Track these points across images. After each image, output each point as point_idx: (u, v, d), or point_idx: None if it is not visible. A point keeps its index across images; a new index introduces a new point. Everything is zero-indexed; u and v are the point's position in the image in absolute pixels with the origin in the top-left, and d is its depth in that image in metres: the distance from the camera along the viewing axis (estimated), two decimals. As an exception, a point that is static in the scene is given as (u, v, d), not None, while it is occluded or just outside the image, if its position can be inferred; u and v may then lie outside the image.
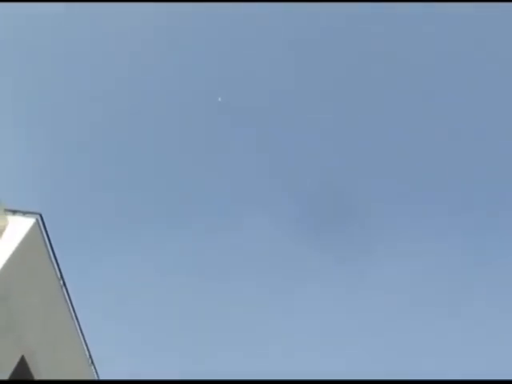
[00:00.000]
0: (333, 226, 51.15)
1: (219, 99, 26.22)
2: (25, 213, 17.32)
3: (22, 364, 17.21)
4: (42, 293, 18.20)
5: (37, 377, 17.88)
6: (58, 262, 18.49)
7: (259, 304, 52.79)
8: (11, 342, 16.64)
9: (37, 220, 17.20)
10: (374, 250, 50.14)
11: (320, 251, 50.92)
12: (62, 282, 18.89)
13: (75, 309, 19.82)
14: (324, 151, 49.98)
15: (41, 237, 17.54)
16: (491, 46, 43.25)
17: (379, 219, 51.15)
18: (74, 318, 19.92)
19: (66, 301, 19.30)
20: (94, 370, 21.96)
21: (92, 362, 21.69)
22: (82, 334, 20.58)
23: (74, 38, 41.98)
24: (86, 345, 21.04)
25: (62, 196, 49.05)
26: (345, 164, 51.26)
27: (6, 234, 16.65)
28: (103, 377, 22.59)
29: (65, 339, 19.81)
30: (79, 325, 20.26)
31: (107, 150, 49.06)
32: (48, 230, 17.74)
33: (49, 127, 46.76)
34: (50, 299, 18.66)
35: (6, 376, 16.56)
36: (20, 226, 16.93)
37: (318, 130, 49.70)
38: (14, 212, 17.17)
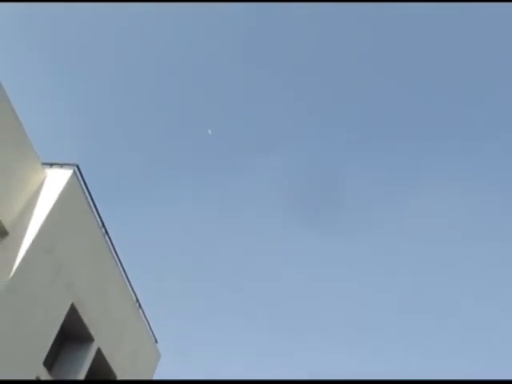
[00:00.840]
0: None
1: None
2: (62, 165, 17.80)
3: (73, 311, 18.20)
4: (86, 242, 18.93)
5: (87, 322, 18.90)
6: (99, 210, 19.11)
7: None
8: (61, 291, 17.56)
9: (74, 171, 17.67)
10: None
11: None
12: (103, 230, 19.57)
13: (119, 255, 20.64)
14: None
15: (79, 187, 18.07)
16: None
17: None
18: (119, 264, 20.73)
19: (109, 248, 20.06)
20: (141, 313, 23.01)
21: (139, 305, 22.69)
22: (128, 279, 21.49)
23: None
24: (133, 289, 22.00)
25: (97, 147, 50.09)
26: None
27: (45, 186, 17.21)
28: (150, 319, 23.69)
29: (111, 285, 20.70)
30: (124, 270, 21.13)
31: (141, 98, 49.59)
32: (86, 180, 18.30)
33: (83, 78, 47.29)
34: (94, 247, 19.39)
35: (59, 323, 17.58)
36: (58, 178, 17.45)
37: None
38: (51, 165, 17.67)
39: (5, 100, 15.42)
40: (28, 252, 15.76)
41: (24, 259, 15.61)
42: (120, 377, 21.32)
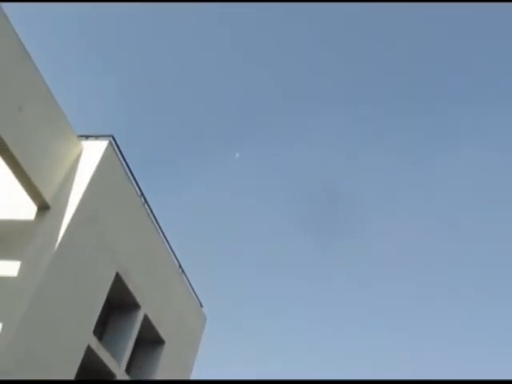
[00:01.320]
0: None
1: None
2: (97, 136, 18.13)
3: (118, 279, 18.73)
4: (126, 211, 19.33)
5: (132, 289, 19.43)
6: (137, 180, 19.46)
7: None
8: (105, 260, 18.08)
9: (110, 142, 17.97)
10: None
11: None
12: (143, 198, 19.95)
13: (159, 223, 21.04)
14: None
15: (116, 158, 18.37)
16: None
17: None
18: (160, 231, 21.14)
19: (150, 216, 20.45)
20: (185, 279, 23.51)
21: (182, 270, 23.17)
22: (170, 246, 21.91)
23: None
24: (175, 255, 22.43)
25: (131, 119, 50.59)
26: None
27: (82, 159, 17.56)
28: (194, 283, 24.17)
29: (154, 252, 21.16)
30: (165, 237, 21.56)
31: (180, 69, 49.66)
32: (122, 151, 18.61)
33: (115, 48, 47.52)
34: (134, 216, 19.80)
35: (105, 292, 18.14)
36: (94, 150, 17.76)
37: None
38: (87, 137, 18.00)
39: (37, 75, 15.69)
40: (71, 224, 16.21)
41: (67, 231, 16.08)
42: (168, 341, 21.93)
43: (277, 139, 53.62)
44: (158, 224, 20.94)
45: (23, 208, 16.37)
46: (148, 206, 20.21)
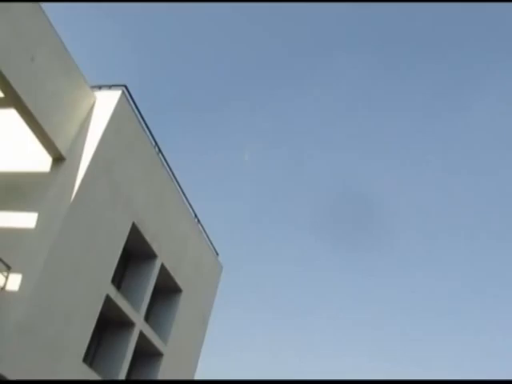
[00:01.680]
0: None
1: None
2: (110, 86, 18.06)
3: (135, 229, 18.96)
4: (141, 161, 19.39)
5: (149, 239, 19.69)
6: (151, 130, 19.46)
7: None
8: (121, 210, 18.27)
9: (123, 92, 17.90)
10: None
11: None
12: (157, 148, 19.98)
13: (174, 173, 21.13)
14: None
15: (129, 107, 18.33)
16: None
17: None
18: (175, 181, 21.25)
19: (164, 166, 20.53)
20: (201, 228, 23.73)
21: (198, 220, 23.38)
22: (185, 196, 22.08)
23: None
24: (190, 205, 22.62)
25: (143, 69, 50.15)
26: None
27: (95, 109, 17.54)
28: (209, 230, 24.39)
29: (169, 202, 21.33)
30: (180, 187, 21.67)
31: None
32: (136, 101, 18.55)
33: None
34: (149, 166, 19.87)
35: (122, 241, 18.40)
36: (108, 100, 17.72)
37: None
38: (100, 87, 17.94)
39: (48, 26, 15.56)
40: (86, 175, 16.34)
41: (83, 182, 16.22)
42: (185, 290, 22.31)
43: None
44: (173, 174, 21.05)
45: (38, 160, 16.50)
46: (163, 155, 20.28)
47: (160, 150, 20.10)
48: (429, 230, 59.43)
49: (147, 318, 20.46)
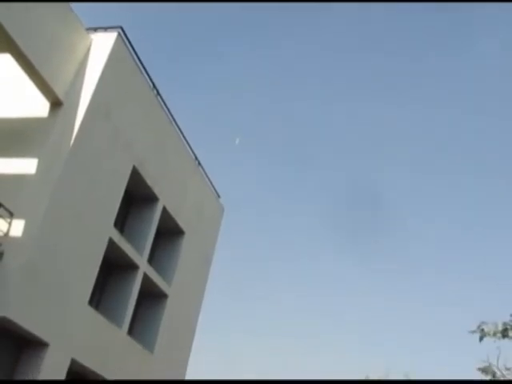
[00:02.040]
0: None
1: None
2: (106, 28, 17.79)
3: (135, 173, 19.04)
4: (140, 104, 19.31)
5: (150, 182, 19.80)
6: (148, 72, 19.29)
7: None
8: (121, 154, 18.30)
9: (119, 33, 17.66)
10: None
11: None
12: (155, 91, 19.85)
13: (173, 115, 21.06)
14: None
15: (126, 50, 18.10)
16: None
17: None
18: (174, 124, 21.20)
19: (163, 108, 20.45)
20: (201, 170, 23.82)
21: (199, 162, 23.43)
22: (185, 138, 22.07)
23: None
24: (191, 147, 22.63)
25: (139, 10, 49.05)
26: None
27: (92, 52, 17.33)
28: (210, 173, 24.48)
29: (169, 145, 21.34)
30: (180, 130, 21.63)
31: None
32: (133, 43, 18.31)
33: None
34: (148, 109, 19.80)
35: (123, 185, 18.50)
36: (104, 42, 17.50)
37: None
38: (96, 29, 17.69)
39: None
40: (84, 119, 16.30)
41: (81, 126, 16.20)
42: (187, 232, 22.57)
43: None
44: (172, 117, 20.99)
45: (36, 105, 16.44)
46: (161, 98, 20.16)
47: (158, 93, 19.98)
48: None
49: (151, 261, 20.77)
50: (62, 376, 15.84)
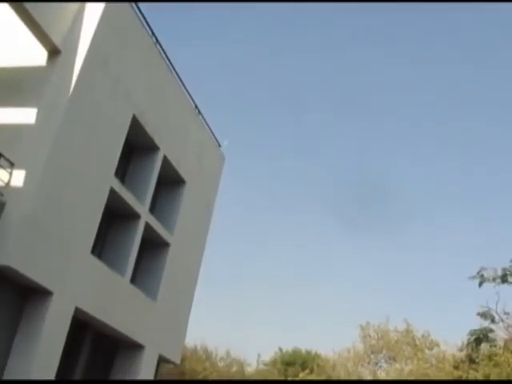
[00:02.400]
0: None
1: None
2: (103, -26, 17.42)
3: (135, 122, 18.97)
4: (139, 52, 19.08)
5: (150, 131, 19.75)
6: (147, 19, 19.02)
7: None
8: (121, 102, 18.20)
9: (116, -21, 17.34)
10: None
11: None
12: (154, 38, 19.60)
13: (173, 63, 20.86)
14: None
15: (123, -4, 17.84)
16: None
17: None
18: (174, 72, 21.01)
19: (162, 57, 20.23)
20: (202, 119, 23.72)
21: (199, 111, 23.32)
22: (185, 87, 21.90)
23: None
24: (191, 96, 22.48)
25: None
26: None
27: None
28: (211, 123, 24.38)
29: (169, 94, 21.18)
30: (180, 78, 21.45)
31: None
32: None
33: None
34: (147, 57, 19.56)
35: (123, 134, 18.46)
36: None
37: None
38: (93, -25, 17.31)
39: None
40: (83, 67, 16.15)
41: (80, 75, 16.05)
42: (188, 181, 22.62)
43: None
44: (172, 65, 20.80)
45: (33, 54, 16.27)
46: (160, 46, 19.93)
47: (157, 41, 19.74)
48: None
49: (152, 210, 20.91)
50: (66, 324, 16.15)
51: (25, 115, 15.79)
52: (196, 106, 22.94)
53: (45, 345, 15.26)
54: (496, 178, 64.70)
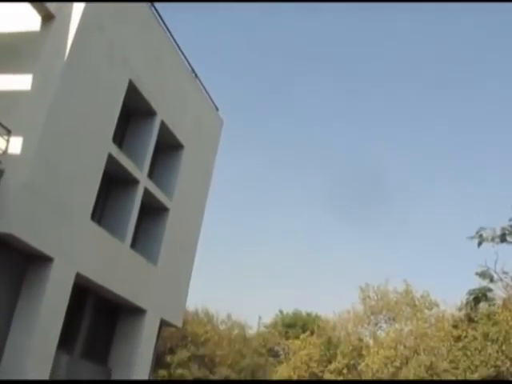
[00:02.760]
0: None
1: None
2: None
3: (132, 87, 18.85)
4: (135, 17, 18.89)
5: (147, 96, 19.65)
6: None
7: None
8: (117, 67, 18.07)
9: None
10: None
11: None
12: (150, 3, 19.39)
13: (169, 27, 20.64)
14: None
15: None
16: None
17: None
18: (170, 36, 20.81)
19: (158, 21, 20.02)
20: (199, 83, 23.56)
21: (196, 75, 23.13)
22: (182, 51, 21.69)
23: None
24: (188, 60, 22.29)
25: None
26: None
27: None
28: (206, 84, 24.19)
29: (166, 58, 21.02)
30: (176, 43, 21.25)
31: None
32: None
33: None
34: (143, 22, 19.36)
35: (120, 100, 18.37)
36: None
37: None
38: None
39: None
40: (78, 33, 16.02)
41: (75, 40, 15.95)
42: (187, 146, 22.55)
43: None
44: (168, 30, 20.58)
45: (27, 20, 16.11)
46: (156, 11, 19.72)
47: (153, 5, 19.51)
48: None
49: (151, 176, 20.91)
50: (68, 289, 16.33)
51: (20, 81, 15.72)
52: (193, 70, 22.77)
53: (47, 310, 15.45)
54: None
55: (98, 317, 19.56)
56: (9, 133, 14.90)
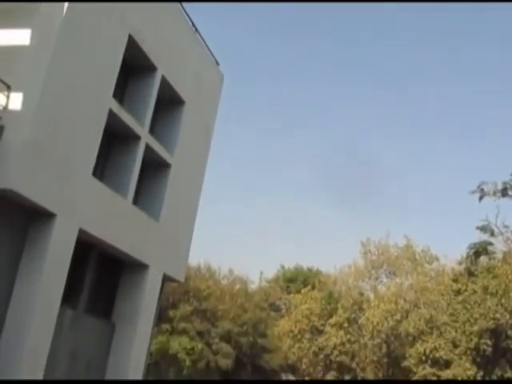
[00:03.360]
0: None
1: None
2: None
3: (131, 42, 18.62)
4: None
5: (147, 51, 19.38)
6: None
7: None
8: (116, 23, 17.82)
9: None
10: None
11: None
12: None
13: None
14: None
15: None
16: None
17: None
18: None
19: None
20: (199, 37, 23.23)
21: (196, 29, 22.79)
22: (181, 5, 21.36)
23: None
24: (187, 14, 21.94)
25: None
26: None
27: None
28: (210, 42, 23.89)
29: (165, 12, 20.61)
30: (176, -5, 20.94)
31: None
32: None
33: None
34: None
35: (120, 55, 18.11)
36: None
37: None
38: None
39: None
40: (76, -14, 15.77)
41: (73, -5, 15.72)
42: (187, 101, 22.37)
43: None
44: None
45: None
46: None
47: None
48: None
49: (152, 132, 20.83)
50: (71, 245, 16.46)
51: (19, 36, 15.55)
52: (193, 24, 22.44)
53: (50, 266, 15.60)
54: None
55: (101, 272, 19.75)
56: (9, 89, 14.79)
